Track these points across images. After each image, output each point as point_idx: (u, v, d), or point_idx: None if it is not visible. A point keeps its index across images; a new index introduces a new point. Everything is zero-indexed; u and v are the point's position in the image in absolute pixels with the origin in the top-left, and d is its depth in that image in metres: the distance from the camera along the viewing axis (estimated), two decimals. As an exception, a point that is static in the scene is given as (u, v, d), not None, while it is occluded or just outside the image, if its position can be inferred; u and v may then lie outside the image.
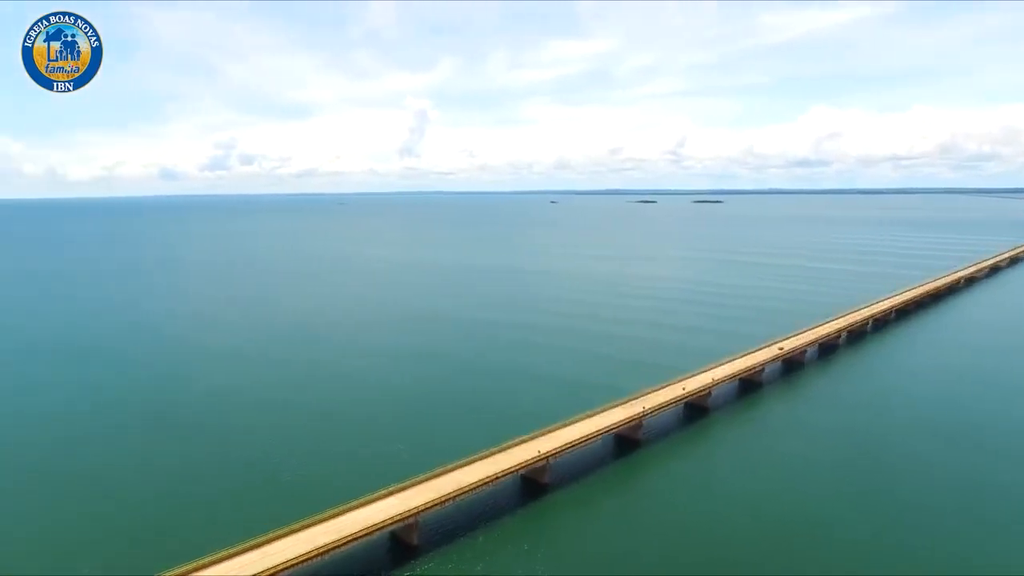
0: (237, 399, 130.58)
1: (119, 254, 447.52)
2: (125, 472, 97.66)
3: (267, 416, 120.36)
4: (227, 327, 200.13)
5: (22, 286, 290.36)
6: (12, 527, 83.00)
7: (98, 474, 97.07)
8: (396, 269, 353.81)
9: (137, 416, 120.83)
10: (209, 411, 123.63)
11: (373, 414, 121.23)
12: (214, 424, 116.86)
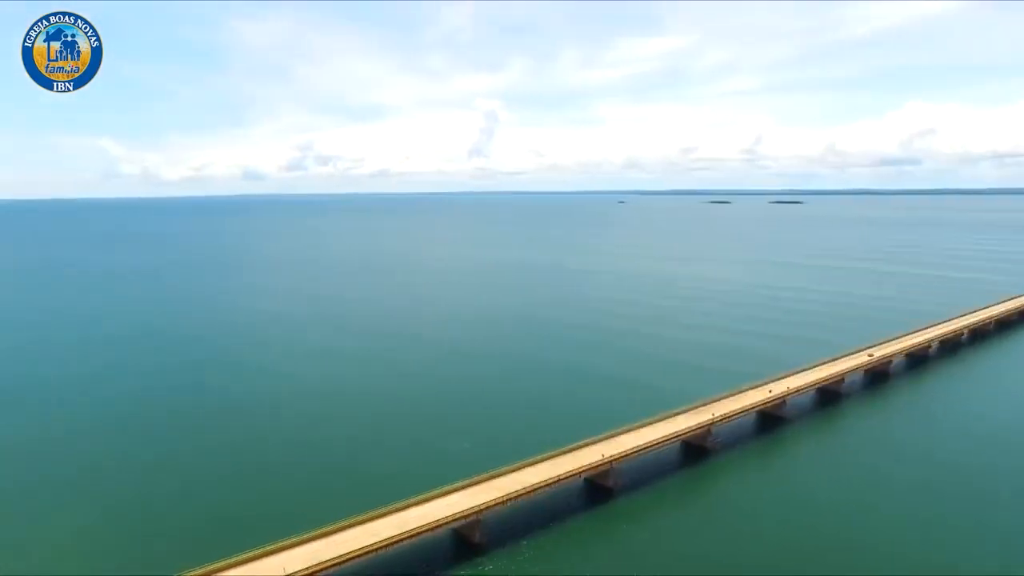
0: (308, 391, 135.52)
1: (210, 251, 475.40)
2: (205, 457, 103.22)
3: (337, 409, 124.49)
4: (301, 322, 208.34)
5: (129, 281, 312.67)
6: (106, 506, 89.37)
7: (182, 458, 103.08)
8: (464, 267, 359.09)
9: (214, 405, 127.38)
10: (281, 402, 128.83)
11: (439, 411, 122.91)
12: (285, 415, 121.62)
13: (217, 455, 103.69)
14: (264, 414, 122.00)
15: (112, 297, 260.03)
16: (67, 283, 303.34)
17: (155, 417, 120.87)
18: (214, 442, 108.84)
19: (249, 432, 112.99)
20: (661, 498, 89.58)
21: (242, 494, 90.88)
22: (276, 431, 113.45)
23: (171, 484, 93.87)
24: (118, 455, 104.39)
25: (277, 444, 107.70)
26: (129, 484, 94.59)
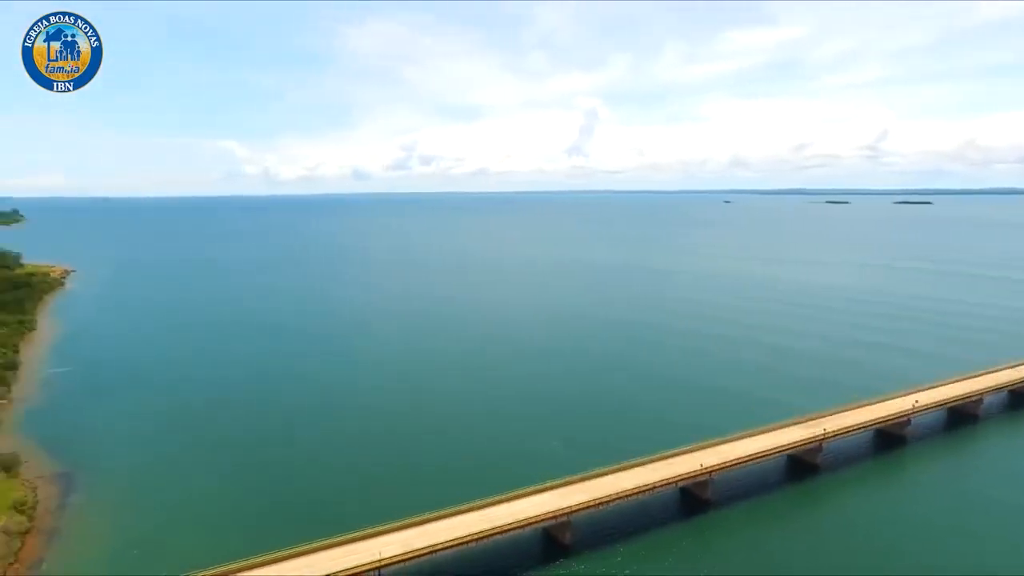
0: (405, 384, 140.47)
1: (322, 247, 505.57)
2: (310, 442, 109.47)
3: (431, 403, 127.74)
4: (398, 317, 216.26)
5: (246, 273, 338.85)
6: (218, 480, 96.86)
7: (288, 442, 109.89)
8: (561, 266, 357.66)
9: (316, 394, 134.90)
10: (379, 394, 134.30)
11: (530, 410, 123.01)
12: (384, 407, 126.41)
13: (319, 441, 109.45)
14: (362, 404, 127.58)
15: (230, 287, 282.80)
16: (203, 274, 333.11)
17: (262, 402, 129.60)
18: (318, 429, 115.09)
19: (349, 422, 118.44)
20: (762, 513, 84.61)
21: (342, 480, 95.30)
22: (375, 422, 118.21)
23: (277, 466, 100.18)
24: (231, 434, 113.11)
25: (375, 435, 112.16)
26: (240, 462, 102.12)
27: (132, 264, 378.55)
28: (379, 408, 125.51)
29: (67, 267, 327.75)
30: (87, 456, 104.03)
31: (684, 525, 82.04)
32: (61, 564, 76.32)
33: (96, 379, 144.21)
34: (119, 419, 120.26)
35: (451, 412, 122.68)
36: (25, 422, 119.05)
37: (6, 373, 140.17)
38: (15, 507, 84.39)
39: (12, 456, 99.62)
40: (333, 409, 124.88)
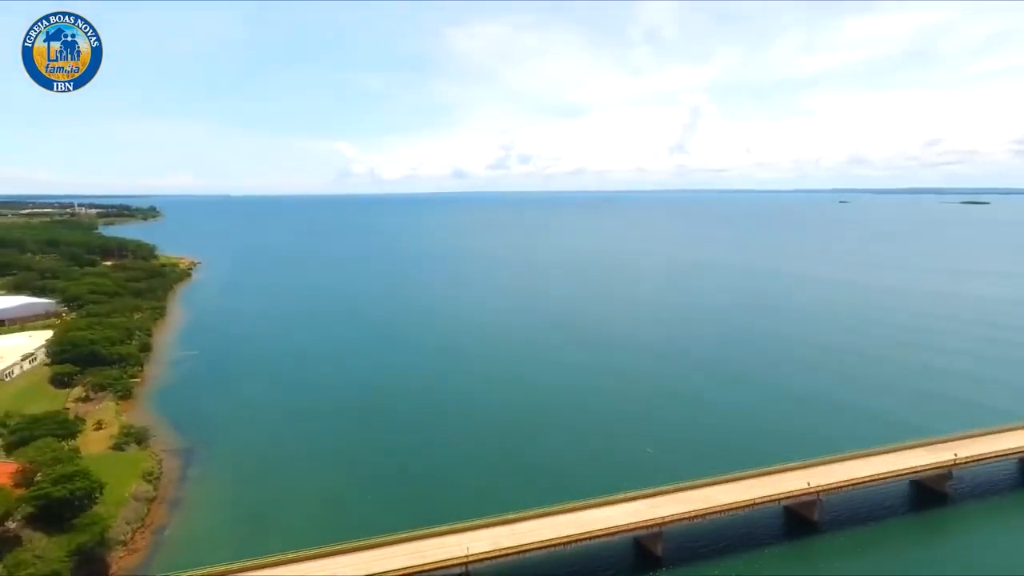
0: (503, 381, 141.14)
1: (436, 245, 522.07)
2: (411, 433, 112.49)
3: (530, 399, 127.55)
4: (505, 314, 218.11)
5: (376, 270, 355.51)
6: (332, 465, 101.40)
7: (384, 433, 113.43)
8: (665, 267, 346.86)
9: (424, 390, 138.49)
10: (475, 391, 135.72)
11: (628, 412, 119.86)
12: (486, 404, 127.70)
13: (422, 434, 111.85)
14: (464, 399, 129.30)
15: (345, 279, 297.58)
16: (319, 267, 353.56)
17: (372, 391, 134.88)
18: (422, 422, 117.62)
19: (450, 416, 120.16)
20: (878, 542, 77.28)
21: (439, 472, 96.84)
22: (474, 417, 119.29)
23: (380, 454, 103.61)
24: (340, 420, 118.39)
25: (473, 430, 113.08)
26: (346, 449, 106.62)
27: (251, 257, 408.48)
28: (480, 403, 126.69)
29: (194, 259, 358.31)
30: (207, 433, 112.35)
31: (787, 547, 76.56)
32: (180, 531, 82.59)
33: (218, 363, 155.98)
34: (237, 400, 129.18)
35: (548, 409, 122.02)
36: (155, 399, 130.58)
37: (141, 355, 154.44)
38: (144, 476, 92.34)
39: (144, 430, 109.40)
40: (437, 403, 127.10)
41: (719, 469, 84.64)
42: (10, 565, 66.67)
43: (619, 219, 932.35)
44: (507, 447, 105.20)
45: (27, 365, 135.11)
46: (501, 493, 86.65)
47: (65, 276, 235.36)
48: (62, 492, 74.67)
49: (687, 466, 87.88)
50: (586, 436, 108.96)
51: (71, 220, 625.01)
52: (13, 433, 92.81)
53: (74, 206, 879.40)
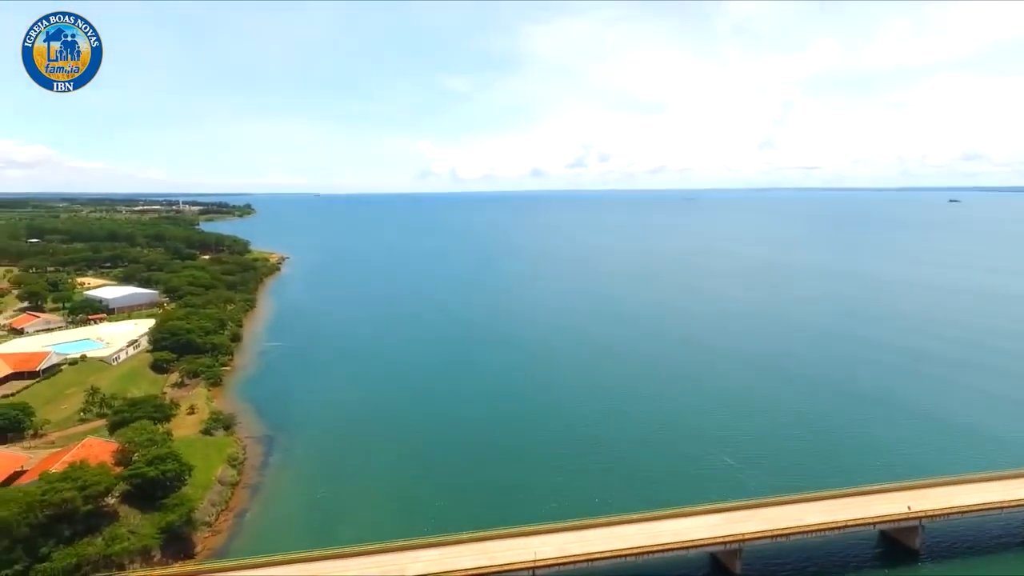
0: (586, 385, 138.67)
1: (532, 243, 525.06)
2: (487, 434, 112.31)
3: (606, 406, 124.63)
4: (579, 315, 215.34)
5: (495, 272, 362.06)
6: (400, 459, 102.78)
7: (461, 430, 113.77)
8: (755, 270, 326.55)
9: (503, 390, 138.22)
10: (562, 393, 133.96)
11: (709, 421, 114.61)
12: (563, 407, 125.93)
13: (498, 433, 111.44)
14: (543, 400, 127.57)
15: (429, 275, 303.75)
16: (402, 262, 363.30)
17: (452, 388, 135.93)
18: (499, 421, 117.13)
19: (527, 417, 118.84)
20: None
21: (511, 473, 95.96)
22: (550, 419, 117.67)
23: (456, 452, 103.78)
24: (418, 415, 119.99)
25: (547, 431, 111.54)
26: (422, 443, 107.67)
27: (336, 252, 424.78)
28: (554, 404, 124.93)
29: (283, 254, 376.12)
30: (288, 421, 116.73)
31: (882, 575, 70.36)
32: (259, 516, 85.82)
33: (301, 354, 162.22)
34: (318, 391, 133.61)
35: (624, 413, 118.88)
36: (242, 387, 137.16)
37: (232, 344, 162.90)
38: (229, 461, 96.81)
39: (230, 416, 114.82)
40: (513, 401, 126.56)
41: (806, 486, 79.17)
42: (107, 538, 71.18)
43: (703, 218, 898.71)
44: (579, 450, 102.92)
45: (131, 351, 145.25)
46: (571, 497, 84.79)
47: (167, 268, 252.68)
48: (155, 473, 79.18)
49: (770, 481, 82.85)
50: (663, 444, 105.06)
51: (176, 216, 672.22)
52: (116, 414, 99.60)
53: (179, 203, 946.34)
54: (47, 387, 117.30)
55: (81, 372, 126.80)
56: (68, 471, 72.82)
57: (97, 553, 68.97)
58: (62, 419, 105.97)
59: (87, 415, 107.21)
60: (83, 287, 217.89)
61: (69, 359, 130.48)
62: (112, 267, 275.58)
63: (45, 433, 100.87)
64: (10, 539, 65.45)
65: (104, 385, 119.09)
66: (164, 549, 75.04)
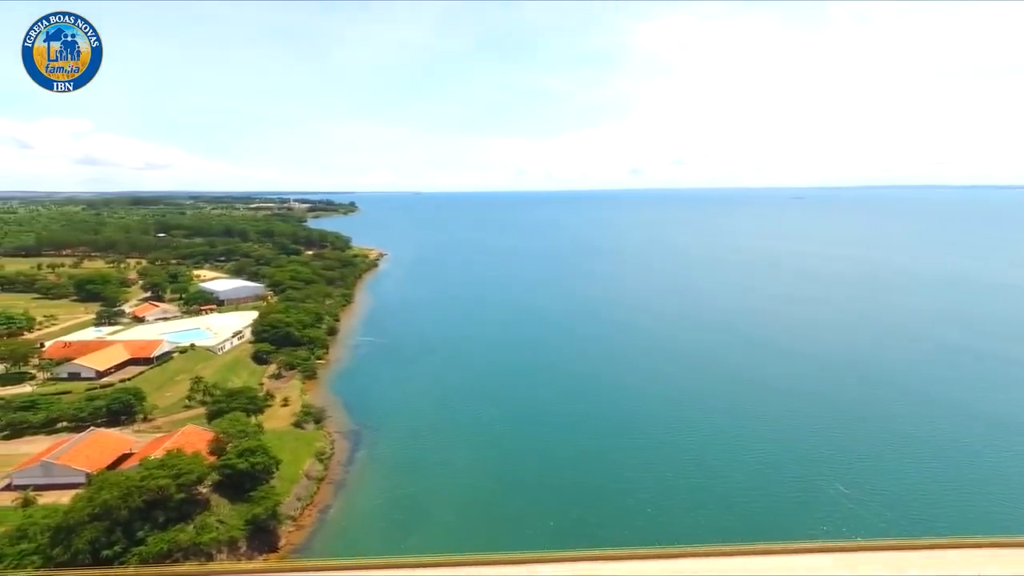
0: (688, 400, 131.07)
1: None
2: (581, 448, 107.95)
3: (689, 417, 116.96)
4: (688, 325, 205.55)
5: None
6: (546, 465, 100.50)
7: (552, 441, 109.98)
8: (907, 282, 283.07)
9: (601, 398, 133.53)
10: (655, 408, 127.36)
11: (817, 440, 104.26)
12: (660, 423, 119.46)
13: (590, 446, 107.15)
14: (645, 415, 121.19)
15: (524, 274, 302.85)
16: (498, 261, 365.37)
17: (546, 394, 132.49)
18: (592, 432, 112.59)
19: (624, 432, 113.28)
20: None
21: (599, 491, 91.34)
22: (646, 433, 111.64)
23: (544, 464, 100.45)
24: (506, 420, 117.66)
25: (646, 447, 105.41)
26: (508, 450, 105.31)
27: (432, 249, 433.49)
28: (645, 413, 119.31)
29: (381, 250, 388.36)
30: (376, 418, 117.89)
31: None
32: (342, 513, 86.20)
33: (393, 350, 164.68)
34: (407, 388, 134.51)
35: (720, 426, 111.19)
36: (335, 381, 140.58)
37: (328, 338, 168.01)
38: (317, 455, 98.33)
39: (321, 410, 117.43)
40: (612, 414, 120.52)
41: (943, 529, 68.83)
42: (198, 527, 73.29)
43: (813, 218, 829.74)
44: (667, 465, 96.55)
45: (236, 341, 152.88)
46: (657, 518, 79.13)
47: (274, 263, 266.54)
48: (244, 465, 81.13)
49: (892, 518, 72.86)
50: (763, 464, 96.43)
51: (286, 213, 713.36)
52: (214, 404, 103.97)
53: (290, 201, 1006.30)
54: (159, 373, 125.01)
55: (189, 360, 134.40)
56: (165, 459, 75.72)
57: (188, 541, 71.07)
58: (168, 405, 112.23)
59: (191, 402, 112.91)
60: (198, 279, 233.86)
61: (180, 347, 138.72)
62: (225, 261, 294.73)
63: (153, 418, 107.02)
64: (111, 521, 68.57)
65: (208, 374, 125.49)
66: (249, 541, 76.54)
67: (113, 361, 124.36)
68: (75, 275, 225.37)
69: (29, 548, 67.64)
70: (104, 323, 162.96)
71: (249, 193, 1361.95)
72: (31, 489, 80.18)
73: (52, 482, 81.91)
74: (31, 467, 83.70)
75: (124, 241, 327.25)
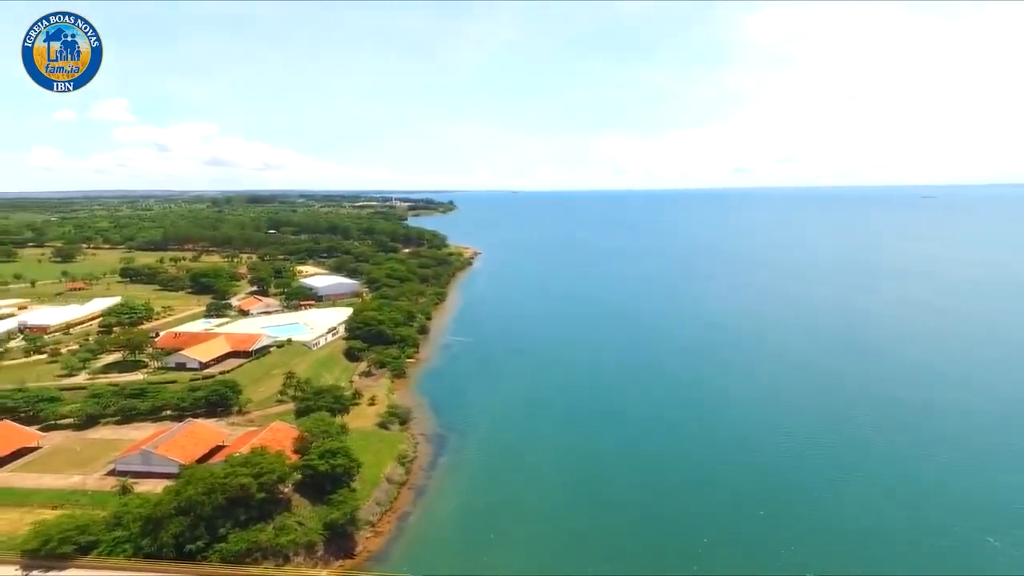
0: (805, 422, 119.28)
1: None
2: (681, 466, 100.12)
3: (807, 448, 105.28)
4: (796, 335, 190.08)
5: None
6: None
7: (648, 456, 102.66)
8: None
9: (708, 414, 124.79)
10: (763, 430, 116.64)
11: (970, 482, 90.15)
12: (769, 447, 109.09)
13: (685, 465, 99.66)
14: (743, 435, 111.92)
15: (622, 275, 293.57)
16: (597, 261, 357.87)
17: (641, 405, 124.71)
18: (698, 451, 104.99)
19: (727, 452, 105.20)
20: None
21: (695, 518, 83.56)
22: (745, 455, 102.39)
23: (638, 481, 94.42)
24: (598, 432, 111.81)
25: (741, 471, 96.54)
26: (597, 463, 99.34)
27: (527, 249, 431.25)
28: (757, 439, 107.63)
29: (476, 249, 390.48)
30: (462, 421, 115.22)
31: None
32: (421, 521, 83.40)
33: (483, 351, 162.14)
34: (496, 392, 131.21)
35: (839, 458, 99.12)
36: (423, 380, 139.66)
37: (419, 337, 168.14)
38: (399, 459, 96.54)
39: (407, 411, 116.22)
40: (711, 429, 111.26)
41: None
42: (277, 527, 72.65)
43: (968, 219, 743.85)
44: (779, 503, 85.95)
45: (330, 337, 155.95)
46: (768, 556, 69.68)
47: (372, 260, 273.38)
48: (325, 467, 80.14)
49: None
50: (900, 507, 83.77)
51: (388, 212, 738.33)
52: (302, 401, 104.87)
53: (392, 200, 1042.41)
54: (256, 367, 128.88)
55: (285, 355, 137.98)
56: (248, 456, 75.82)
57: (267, 541, 70.48)
58: (262, 399, 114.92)
59: (283, 397, 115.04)
60: (301, 275, 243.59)
61: (277, 342, 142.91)
62: (328, 257, 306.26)
63: (247, 411, 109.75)
64: (195, 516, 69.11)
65: (302, 369, 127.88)
66: (327, 545, 75.18)
67: (215, 353, 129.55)
68: (192, 268, 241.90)
69: (122, 536, 69.71)
70: (213, 315, 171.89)
71: (356, 192, 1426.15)
72: (131, 476, 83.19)
73: (150, 470, 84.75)
74: (132, 455, 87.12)
75: (239, 237, 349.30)
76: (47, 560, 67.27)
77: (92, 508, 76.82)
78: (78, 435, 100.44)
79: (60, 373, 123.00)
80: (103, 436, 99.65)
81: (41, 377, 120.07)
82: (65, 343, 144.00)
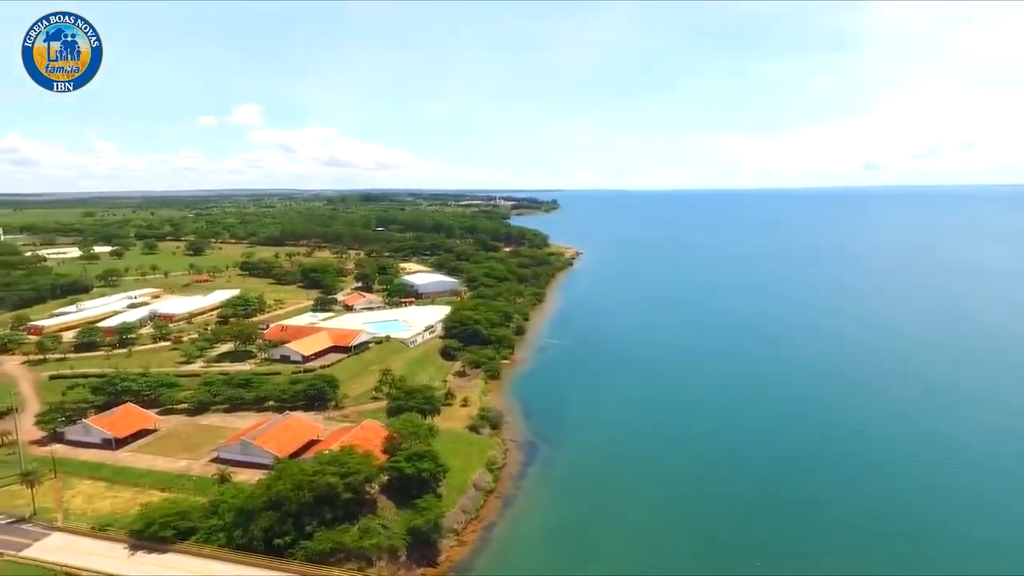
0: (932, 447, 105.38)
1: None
2: (783, 480, 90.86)
3: (930, 477, 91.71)
4: (926, 348, 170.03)
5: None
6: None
7: (751, 469, 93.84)
8: None
9: (819, 426, 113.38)
10: (880, 454, 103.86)
11: None
12: (886, 472, 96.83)
13: (790, 483, 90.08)
14: (849, 452, 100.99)
15: (734, 279, 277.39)
16: (704, 265, 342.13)
17: (747, 415, 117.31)
18: (806, 464, 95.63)
19: (825, 469, 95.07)
20: None
21: (801, 543, 74.58)
22: (859, 478, 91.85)
23: (738, 493, 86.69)
24: (698, 444, 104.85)
25: (854, 496, 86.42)
26: (697, 475, 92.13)
27: (632, 250, 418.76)
28: (873, 460, 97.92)
29: (578, 249, 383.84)
30: (554, 429, 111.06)
31: None
32: (507, 534, 79.95)
33: (581, 354, 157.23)
34: (592, 399, 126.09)
35: (960, 483, 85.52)
36: (517, 383, 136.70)
37: (515, 338, 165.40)
38: (488, 465, 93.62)
39: (499, 415, 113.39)
40: (823, 449, 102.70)
41: None
42: (362, 529, 71.71)
43: None
44: (890, 536, 75.09)
45: (427, 335, 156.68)
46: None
47: (473, 259, 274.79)
48: (412, 470, 78.62)
49: None
50: None
51: (491, 210, 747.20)
52: (395, 400, 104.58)
53: (496, 199, 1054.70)
54: (355, 362, 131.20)
55: (383, 351, 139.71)
56: (336, 455, 75.61)
57: (351, 543, 69.64)
58: (358, 395, 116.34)
59: (378, 394, 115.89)
60: (404, 272, 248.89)
61: (376, 338, 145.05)
62: (430, 255, 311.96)
63: (343, 406, 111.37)
64: (283, 512, 69.45)
65: (398, 367, 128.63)
66: (410, 552, 73.39)
67: (317, 347, 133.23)
68: (304, 263, 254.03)
69: (217, 525, 71.47)
70: (319, 309, 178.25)
71: (461, 191, 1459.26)
72: (230, 465, 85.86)
73: (249, 460, 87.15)
74: (233, 444, 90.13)
75: (348, 233, 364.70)
76: (151, 542, 70.14)
77: (194, 494, 79.93)
78: (190, 420, 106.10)
79: (180, 360, 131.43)
80: (211, 423, 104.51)
81: (163, 363, 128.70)
82: (187, 332, 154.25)
